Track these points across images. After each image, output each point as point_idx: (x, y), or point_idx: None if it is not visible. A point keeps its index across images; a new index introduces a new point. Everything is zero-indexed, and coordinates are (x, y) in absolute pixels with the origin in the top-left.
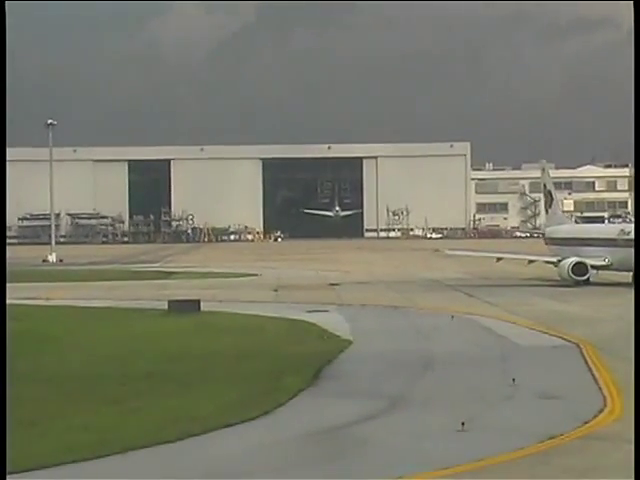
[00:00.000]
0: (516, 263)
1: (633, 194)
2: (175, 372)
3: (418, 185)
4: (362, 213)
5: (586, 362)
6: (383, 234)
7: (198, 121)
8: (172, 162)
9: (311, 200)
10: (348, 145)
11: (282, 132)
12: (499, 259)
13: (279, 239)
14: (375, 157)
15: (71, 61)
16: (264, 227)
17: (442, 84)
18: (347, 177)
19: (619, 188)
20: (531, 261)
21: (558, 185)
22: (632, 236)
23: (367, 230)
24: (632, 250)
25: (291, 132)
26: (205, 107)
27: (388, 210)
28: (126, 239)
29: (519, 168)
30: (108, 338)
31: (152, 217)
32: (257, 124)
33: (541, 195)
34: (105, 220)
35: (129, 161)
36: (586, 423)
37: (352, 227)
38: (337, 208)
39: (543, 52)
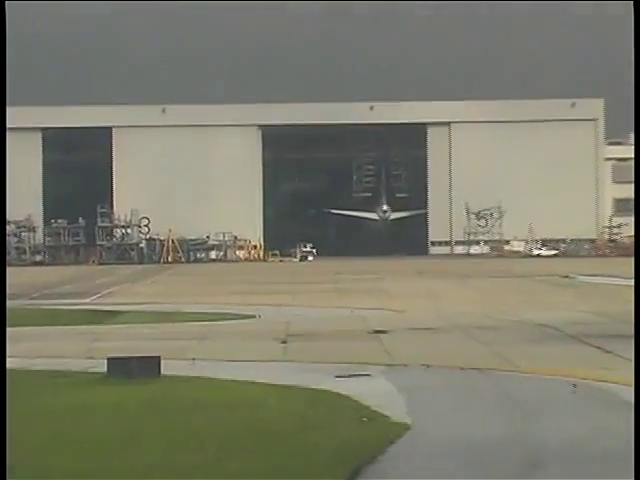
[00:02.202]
0: None
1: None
2: (119, 474)
3: (518, 169)
4: (426, 215)
5: None
6: (460, 249)
7: (159, 67)
8: (115, 131)
9: (342, 194)
10: (403, 104)
11: (295, 85)
12: None
13: (309, 257)
14: (447, 123)
15: None
16: (265, 238)
17: (558, 13)
18: (401, 157)
19: None
20: None
21: None
22: None
23: (433, 243)
24: None
25: (310, 85)
26: (172, 45)
27: (468, 211)
28: (40, 258)
29: None
30: (14, 420)
31: (82, 222)
32: (256, 73)
33: None
34: (6, 228)
35: (45, 130)
36: None
37: (409, 238)
38: (385, 207)
39: None
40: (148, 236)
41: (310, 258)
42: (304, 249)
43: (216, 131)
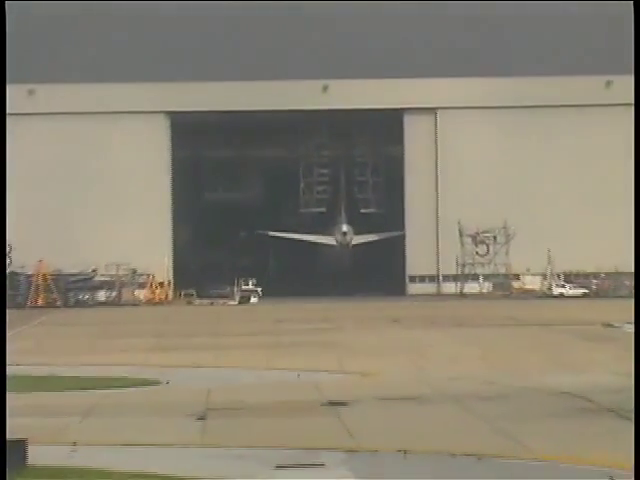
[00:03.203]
0: None
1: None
2: None
3: (532, 175)
4: (403, 239)
5: None
6: (451, 287)
7: (21, 29)
8: None
9: (286, 209)
10: (369, 82)
11: (220, 56)
12: None
13: (253, 298)
14: (433, 109)
15: None
16: (176, 271)
17: None
18: (368, 156)
19: None
20: None
21: None
22: None
23: (414, 279)
24: None
25: (240, 56)
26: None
27: (462, 233)
28: None
29: None
30: None
31: None
32: (164, 39)
33: None
34: None
35: None
36: None
37: (380, 272)
38: (345, 228)
39: None
40: (12, 270)
41: (254, 300)
42: (245, 287)
43: (107, 120)
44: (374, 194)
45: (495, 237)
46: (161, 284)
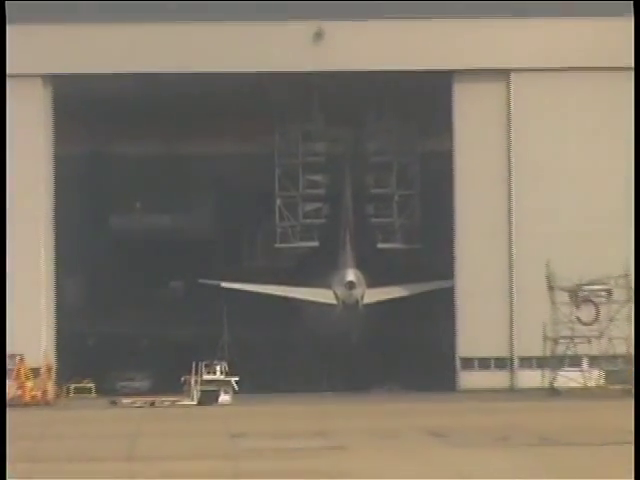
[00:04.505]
0: None
1: None
2: None
3: None
4: (451, 296)
5: None
6: (530, 376)
7: None
8: None
9: (250, 242)
10: (394, 24)
11: None
12: None
13: (223, 395)
14: (505, 70)
15: None
16: (60, 352)
17: None
18: (391, 153)
19: None
20: None
21: None
22: None
23: (469, 363)
24: None
25: None
26: None
27: (552, 283)
28: None
29: None
30: None
31: None
32: None
33: None
34: None
35: None
36: None
37: (412, 350)
38: (351, 276)
39: None
40: None
41: (225, 397)
42: (207, 377)
43: None
44: (401, 217)
45: (610, 291)
46: (36, 372)
